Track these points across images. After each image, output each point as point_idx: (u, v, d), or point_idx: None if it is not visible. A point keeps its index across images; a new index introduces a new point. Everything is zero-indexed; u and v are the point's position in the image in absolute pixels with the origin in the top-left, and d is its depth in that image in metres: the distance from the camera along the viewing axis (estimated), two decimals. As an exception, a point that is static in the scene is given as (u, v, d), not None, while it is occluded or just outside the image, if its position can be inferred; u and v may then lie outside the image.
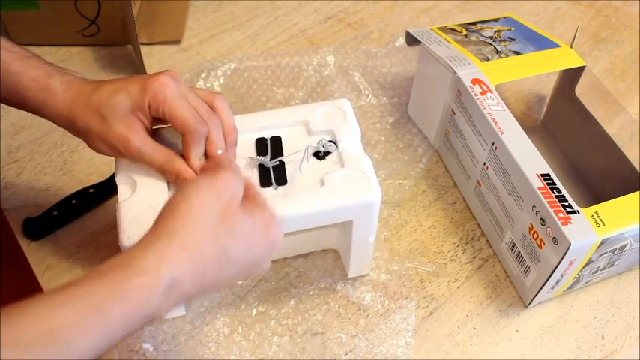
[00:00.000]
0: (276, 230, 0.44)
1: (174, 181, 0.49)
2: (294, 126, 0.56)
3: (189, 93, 0.49)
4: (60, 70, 0.50)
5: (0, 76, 0.48)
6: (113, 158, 0.52)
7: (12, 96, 0.49)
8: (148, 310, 0.37)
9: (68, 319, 0.34)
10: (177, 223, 0.39)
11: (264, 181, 0.51)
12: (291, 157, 0.53)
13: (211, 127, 0.49)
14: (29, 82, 0.49)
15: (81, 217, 0.65)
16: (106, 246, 0.62)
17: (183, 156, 0.49)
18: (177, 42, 0.86)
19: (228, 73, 0.81)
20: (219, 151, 0.50)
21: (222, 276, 0.41)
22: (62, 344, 0.33)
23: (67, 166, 0.69)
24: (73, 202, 0.64)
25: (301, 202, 0.49)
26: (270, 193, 0.50)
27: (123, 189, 0.50)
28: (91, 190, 0.65)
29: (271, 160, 0.52)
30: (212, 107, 0.50)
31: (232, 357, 0.55)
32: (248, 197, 0.44)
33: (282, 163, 0.52)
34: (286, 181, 0.51)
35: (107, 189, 0.66)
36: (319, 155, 0.53)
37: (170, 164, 0.49)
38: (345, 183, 0.50)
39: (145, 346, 0.55)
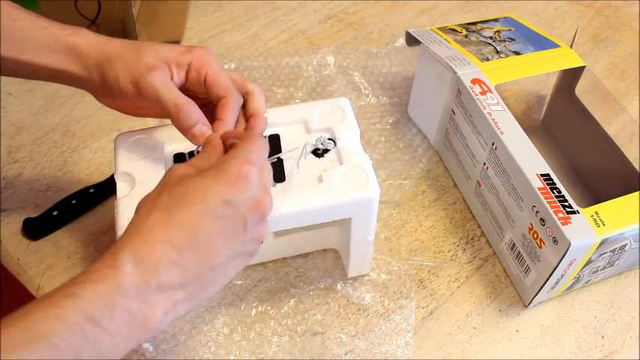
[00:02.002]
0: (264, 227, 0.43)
1: (186, 128, 0.48)
2: (293, 124, 0.56)
3: (224, 71, 0.51)
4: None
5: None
6: (112, 158, 0.52)
7: (38, 51, 0.49)
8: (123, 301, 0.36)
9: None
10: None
11: None
12: (289, 155, 0.53)
13: (257, 93, 0.51)
14: (57, 31, 0.50)
15: (81, 217, 0.65)
16: (106, 246, 0.62)
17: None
18: (177, 42, 0.86)
19: (228, 73, 0.81)
20: (266, 114, 0.51)
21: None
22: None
23: (67, 166, 0.69)
24: (73, 202, 0.64)
25: (299, 199, 0.49)
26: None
27: (122, 186, 0.50)
28: (91, 190, 0.65)
29: (270, 157, 0.52)
30: (245, 91, 0.51)
31: (232, 357, 0.55)
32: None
33: (280, 161, 0.53)
34: (284, 178, 0.51)
35: (107, 189, 0.66)
36: (318, 153, 0.53)
37: (189, 105, 0.48)
38: (343, 180, 0.50)
39: (145, 345, 0.55)
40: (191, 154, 0.53)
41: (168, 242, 0.38)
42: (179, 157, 0.53)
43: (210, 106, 0.51)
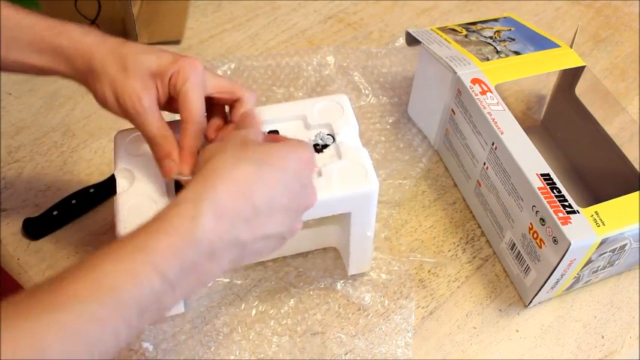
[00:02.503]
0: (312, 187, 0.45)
1: (159, 159, 0.48)
2: (293, 120, 0.56)
3: (216, 77, 0.50)
4: (76, 24, 0.50)
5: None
6: (113, 158, 0.52)
7: (24, 51, 0.48)
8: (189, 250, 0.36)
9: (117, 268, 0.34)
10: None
11: None
12: None
13: (246, 96, 0.51)
14: (44, 32, 0.48)
15: (81, 217, 0.65)
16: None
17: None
18: (177, 42, 0.86)
19: (228, 73, 0.81)
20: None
21: (260, 229, 0.40)
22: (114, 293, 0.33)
23: (67, 166, 0.69)
24: (73, 202, 0.64)
25: None
26: None
27: (121, 182, 0.51)
28: (91, 190, 0.65)
29: None
30: (236, 98, 0.51)
31: (232, 357, 0.55)
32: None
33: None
34: None
35: (107, 189, 0.66)
36: (317, 148, 0.54)
37: (165, 138, 0.48)
38: (342, 174, 0.51)
39: (145, 345, 0.55)
40: None
41: (251, 198, 0.38)
42: None
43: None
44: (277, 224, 0.41)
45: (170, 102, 0.49)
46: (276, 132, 0.55)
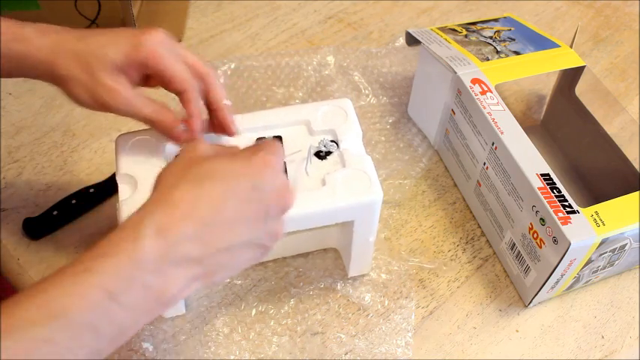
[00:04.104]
0: (288, 193, 0.43)
1: (165, 132, 0.49)
2: (296, 125, 0.56)
3: (181, 49, 0.49)
4: (31, 23, 0.48)
5: None
6: (114, 158, 0.52)
7: None
8: (145, 281, 0.36)
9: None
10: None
11: None
12: (292, 157, 0.53)
13: (211, 80, 0.50)
14: (3, 36, 0.46)
15: (81, 217, 0.65)
16: (105, 246, 0.62)
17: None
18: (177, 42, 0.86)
19: (228, 73, 0.81)
20: (226, 101, 0.50)
21: (232, 243, 0.40)
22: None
23: (67, 166, 0.69)
24: (73, 202, 0.64)
25: (302, 202, 0.49)
26: None
27: (123, 188, 0.50)
28: (91, 190, 0.65)
29: None
30: (200, 76, 0.50)
31: (232, 357, 0.55)
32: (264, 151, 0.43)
33: (283, 163, 0.52)
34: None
35: (107, 189, 0.66)
36: (320, 155, 0.53)
37: (161, 113, 0.48)
38: (346, 183, 0.50)
39: (145, 345, 0.55)
40: None
41: (195, 216, 0.38)
42: None
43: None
44: (241, 234, 0.40)
45: (147, 79, 0.49)
46: (279, 138, 0.54)
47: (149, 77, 0.49)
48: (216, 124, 0.52)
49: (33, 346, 0.32)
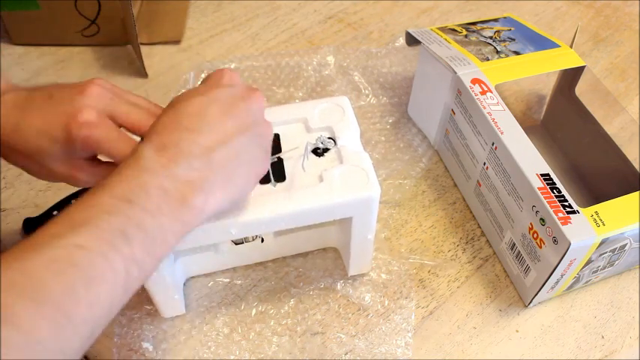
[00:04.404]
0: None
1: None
2: (293, 123, 0.56)
3: (126, 99, 0.45)
4: None
5: None
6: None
7: None
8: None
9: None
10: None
11: (263, 178, 0.51)
12: (289, 154, 0.53)
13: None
14: None
15: (81, 216, 0.65)
16: (105, 246, 0.62)
17: None
18: (177, 42, 0.86)
19: (228, 73, 0.81)
20: None
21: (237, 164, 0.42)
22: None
23: (67, 166, 0.69)
24: (73, 201, 0.64)
25: (300, 199, 0.49)
26: (268, 190, 0.50)
27: None
28: (91, 190, 0.65)
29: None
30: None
31: (232, 357, 0.55)
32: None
33: (280, 160, 0.52)
34: (285, 177, 0.51)
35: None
36: (318, 152, 0.53)
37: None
38: (343, 179, 0.50)
39: (145, 345, 0.55)
40: None
41: (183, 128, 0.40)
42: None
43: None
44: (233, 129, 0.42)
45: None
46: (277, 135, 0.55)
47: None
48: None
49: (65, 253, 0.33)
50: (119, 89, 0.45)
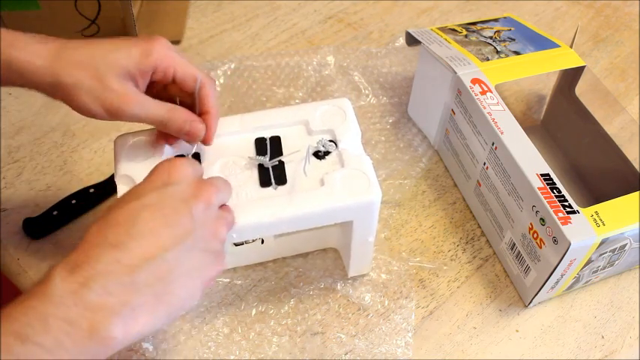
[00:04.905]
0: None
1: (179, 129, 0.48)
2: (294, 125, 0.55)
3: (183, 56, 0.49)
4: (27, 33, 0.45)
5: None
6: (113, 158, 0.52)
7: None
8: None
9: None
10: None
11: (264, 181, 0.51)
12: (290, 157, 0.53)
13: (210, 85, 0.50)
14: None
15: (81, 217, 0.65)
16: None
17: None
18: (177, 42, 0.86)
19: (228, 73, 0.81)
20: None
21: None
22: None
23: (67, 166, 0.69)
24: (73, 202, 0.64)
25: (301, 203, 0.49)
26: (269, 193, 0.50)
27: (122, 189, 0.50)
28: (91, 190, 0.65)
29: (271, 159, 0.52)
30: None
31: (232, 357, 0.55)
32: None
33: (281, 163, 0.52)
34: (286, 180, 0.51)
35: (107, 189, 0.66)
36: (319, 155, 0.53)
37: (175, 111, 0.48)
38: (345, 183, 0.50)
39: (145, 345, 0.55)
40: (195, 155, 0.53)
41: (106, 243, 0.36)
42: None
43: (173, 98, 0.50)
44: (167, 241, 0.38)
45: (150, 87, 0.49)
46: (277, 138, 0.54)
47: (151, 86, 0.49)
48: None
49: None
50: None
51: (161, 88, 0.50)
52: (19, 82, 0.45)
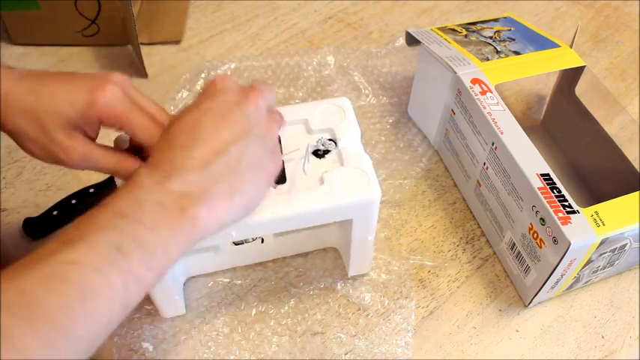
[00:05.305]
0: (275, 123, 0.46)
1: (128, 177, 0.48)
2: (294, 124, 0.56)
3: (141, 99, 0.45)
4: None
5: None
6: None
7: None
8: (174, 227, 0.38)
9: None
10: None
11: None
12: (290, 156, 0.53)
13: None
14: None
15: (81, 217, 0.65)
16: (105, 246, 0.62)
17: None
18: (177, 42, 0.86)
19: (228, 73, 0.81)
20: None
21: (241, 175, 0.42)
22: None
23: (67, 166, 0.69)
24: (73, 201, 0.64)
25: (301, 201, 0.49)
26: (269, 192, 0.50)
27: None
28: (91, 190, 0.65)
29: None
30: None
31: (232, 357, 0.55)
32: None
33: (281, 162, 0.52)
34: (285, 179, 0.51)
35: (107, 189, 0.66)
36: (319, 153, 0.53)
37: (122, 163, 0.46)
38: (344, 181, 0.50)
39: (145, 345, 0.55)
40: None
41: (175, 146, 0.40)
42: None
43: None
44: (228, 138, 0.41)
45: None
46: (277, 137, 0.54)
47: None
48: None
49: (58, 269, 0.33)
50: (135, 91, 0.45)
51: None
52: None
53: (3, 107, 0.43)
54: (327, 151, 0.54)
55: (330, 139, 0.54)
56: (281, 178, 0.51)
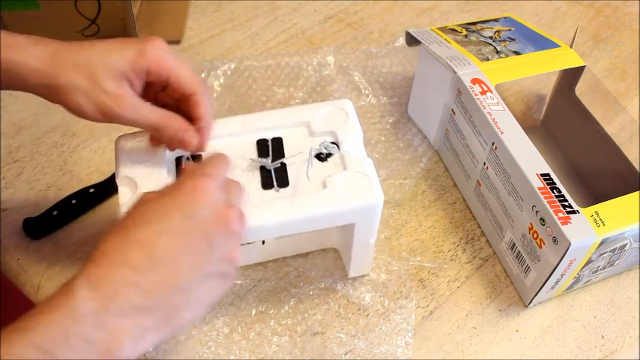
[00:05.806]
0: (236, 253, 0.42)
1: (172, 136, 0.48)
2: (296, 127, 0.55)
3: (180, 59, 0.48)
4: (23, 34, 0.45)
5: None
6: (114, 158, 0.52)
7: None
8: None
9: None
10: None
11: (266, 184, 0.51)
12: (292, 159, 0.53)
13: (204, 92, 0.49)
14: None
15: (81, 217, 0.65)
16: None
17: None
18: (177, 42, 0.86)
19: (228, 73, 0.81)
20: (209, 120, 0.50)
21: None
22: None
23: (67, 166, 0.69)
24: (73, 202, 0.64)
25: (303, 205, 0.49)
26: (272, 196, 0.50)
27: (124, 190, 0.50)
28: (91, 190, 0.65)
29: (273, 161, 0.52)
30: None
31: (232, 357, 0.55)
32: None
33: (283, 165, 0.52)
34: (288, 183, 0.51)
35: (107, 189, 0.66)
36: (321, 157, 0.53)
37: (169, 118, 0.47)
38: (347, 186, 0.50)
39: (145, 345, 0.55)
40: (194, 157, 0.53)
41: (125, 263, 0.36)
42: (180, 160, 0.53)
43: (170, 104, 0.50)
44: (186, 270, 0.38)
45: (146, 89, 0.48)
46: (279, 139, 0.54)
47: (148, 88, 0.48)
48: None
49: None
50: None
51: (158, 91, 0.50)
52: (16, 85, 0.45)
53: (53, 64, 0.44)
54: (329, 155, 0.53)
55: (333, 142, 0.54)
56: (284, 182, 0.51)
